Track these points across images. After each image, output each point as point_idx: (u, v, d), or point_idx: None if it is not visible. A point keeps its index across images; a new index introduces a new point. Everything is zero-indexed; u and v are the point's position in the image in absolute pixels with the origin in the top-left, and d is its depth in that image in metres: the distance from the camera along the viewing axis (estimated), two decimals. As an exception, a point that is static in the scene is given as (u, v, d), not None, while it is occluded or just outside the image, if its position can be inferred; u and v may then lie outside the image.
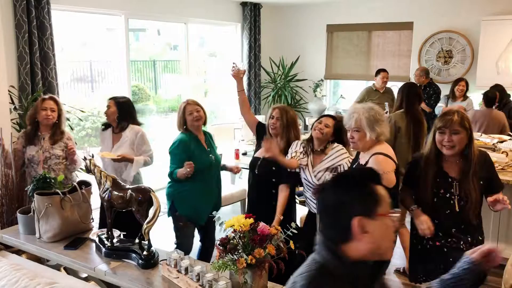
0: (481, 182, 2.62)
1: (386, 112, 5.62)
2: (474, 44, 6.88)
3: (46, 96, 3.82)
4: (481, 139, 5.42)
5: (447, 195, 2.66)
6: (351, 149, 3.06)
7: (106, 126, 3.89)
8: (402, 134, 4.19)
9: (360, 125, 2.62)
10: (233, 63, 3.69)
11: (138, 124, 3.87)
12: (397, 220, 1.35)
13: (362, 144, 2.66)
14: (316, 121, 3.26)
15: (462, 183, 2.61)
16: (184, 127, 3.54)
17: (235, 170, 3.94)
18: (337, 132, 3.17)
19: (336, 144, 3.19)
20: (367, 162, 2.63)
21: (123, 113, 3.79)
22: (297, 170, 3.25)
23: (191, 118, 3.46)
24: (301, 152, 3.17)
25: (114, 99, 3.82)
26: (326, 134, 3.15)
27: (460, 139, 2.57)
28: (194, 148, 3.48)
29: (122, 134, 3.78)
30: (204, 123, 3.59)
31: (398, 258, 4.23)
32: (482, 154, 2.68)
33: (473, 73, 6.82)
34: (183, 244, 3.57)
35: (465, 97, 6.33)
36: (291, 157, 3.16)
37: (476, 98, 6.65)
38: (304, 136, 3.61)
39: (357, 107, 2.73)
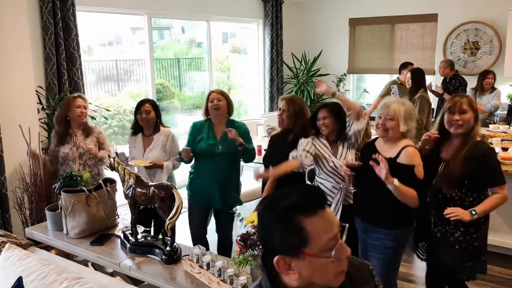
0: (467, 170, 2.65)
1: (393, 93, 5.65)
2: (501, 35, 6.71)
3: (75, 94, 3.88)
4: (509, 131, 5.32)
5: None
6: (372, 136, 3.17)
7: (136, 130, 3.78)
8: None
9: (396, 114, 2.71)
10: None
11: (164, 125, 3.82)
12: (344, 253, 1.15)
13: (393, 134, 2.74)
14: (314, 119, 3.28)
15: (448, 163, 2.71)
16: (209, 116, 3.60)
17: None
18: (336, 113, 3.22)
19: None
20: (397, 156, 2.69)
21: (159, 116, 3.75)
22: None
23: (210, 105, 3.52)
24: (307, 151, 3.18)
25: (150, 102, 3.72)
26: (328, 125, 3.19)
27: (468, 119, 2.67)
28: (202, 134, 3.56)
29: (153, 137, 3.72)
30: (229, 114, 3.61)
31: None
32: (484, 147, 2.75)
33: (500, 64, 6.65)
34: (190, 226, 3.72)
35: (493, 89, 6.19)
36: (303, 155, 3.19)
37: (504, 90, 6.50)
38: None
39: (394, 99, 2.88)
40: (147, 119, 3.66)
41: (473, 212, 2.60)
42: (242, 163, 5.16)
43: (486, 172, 2.66)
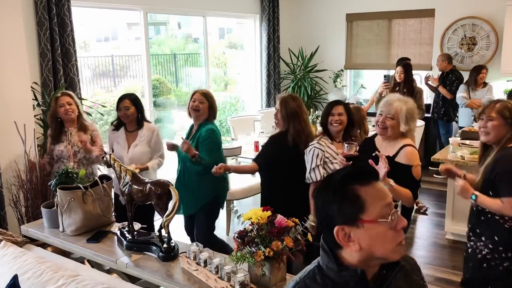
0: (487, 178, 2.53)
1: (386, 81, 5.66)
2: (498, 30, 6.70)
3: (59, 94, 3.86)
4: None
5: None
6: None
7: (117, 125, 3.79)
8: None
9: (397, 113, 2.65)
10: None
11: (147, 120, 3.84)
12: (400, 223, 1.18)
13: (392, 133, 2.69)
14: (327, 114, 3.18)
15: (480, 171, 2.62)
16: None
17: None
18: (350, 112, 3.17)
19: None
20: (396, 154, 2.66)
21: (141, 111, 3.75)
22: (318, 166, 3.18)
23: (191, 105, 3.52)
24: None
25: (129, 98, 3.70)
26: (344, 122, 3.12)
27: (493, 126, 2.51)
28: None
29: (138, 133, 3.72)
30: (211, 117, 3.56)
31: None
32: (508, 152, 2.49)
33: (497, 60, 6.64)
34: None
35: (484, 84, 6.18)
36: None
37: (501, 86, 6.50)
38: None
39: (398, 97, 2.78)
40: (126, 115, 3.67)
41: (473, 197, 2.46)
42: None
43: (497, 179, 2.45)
